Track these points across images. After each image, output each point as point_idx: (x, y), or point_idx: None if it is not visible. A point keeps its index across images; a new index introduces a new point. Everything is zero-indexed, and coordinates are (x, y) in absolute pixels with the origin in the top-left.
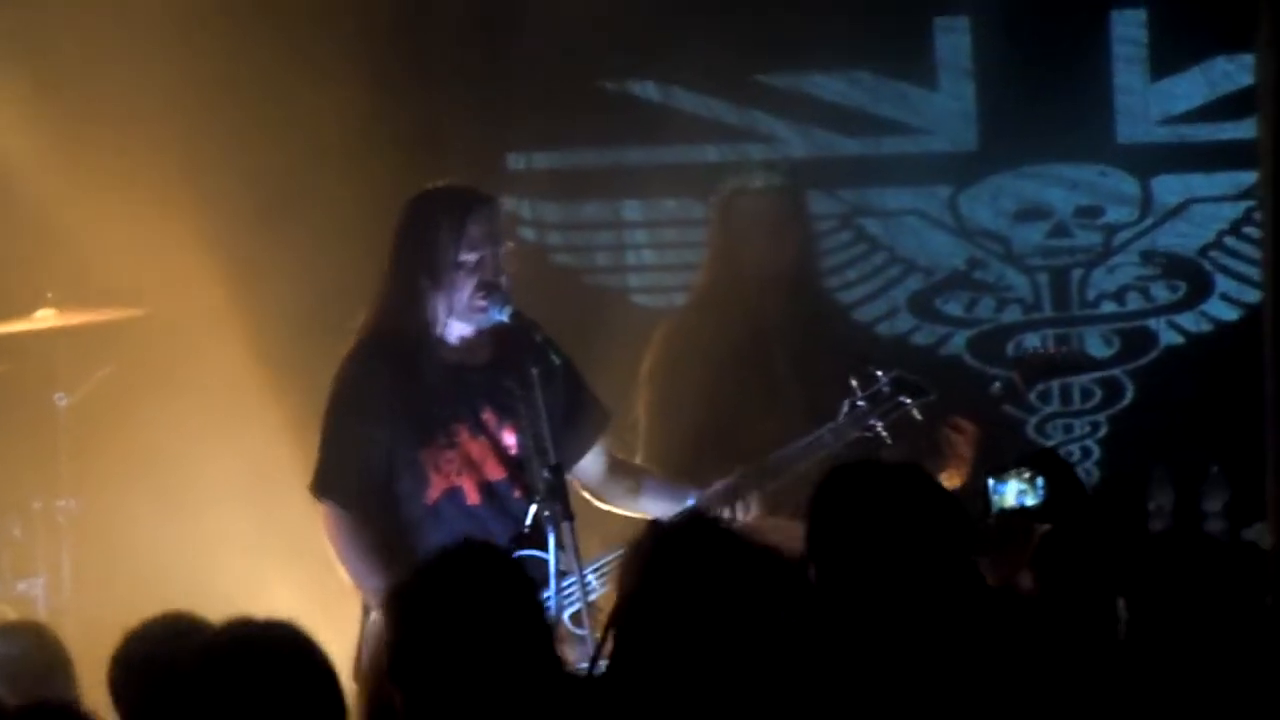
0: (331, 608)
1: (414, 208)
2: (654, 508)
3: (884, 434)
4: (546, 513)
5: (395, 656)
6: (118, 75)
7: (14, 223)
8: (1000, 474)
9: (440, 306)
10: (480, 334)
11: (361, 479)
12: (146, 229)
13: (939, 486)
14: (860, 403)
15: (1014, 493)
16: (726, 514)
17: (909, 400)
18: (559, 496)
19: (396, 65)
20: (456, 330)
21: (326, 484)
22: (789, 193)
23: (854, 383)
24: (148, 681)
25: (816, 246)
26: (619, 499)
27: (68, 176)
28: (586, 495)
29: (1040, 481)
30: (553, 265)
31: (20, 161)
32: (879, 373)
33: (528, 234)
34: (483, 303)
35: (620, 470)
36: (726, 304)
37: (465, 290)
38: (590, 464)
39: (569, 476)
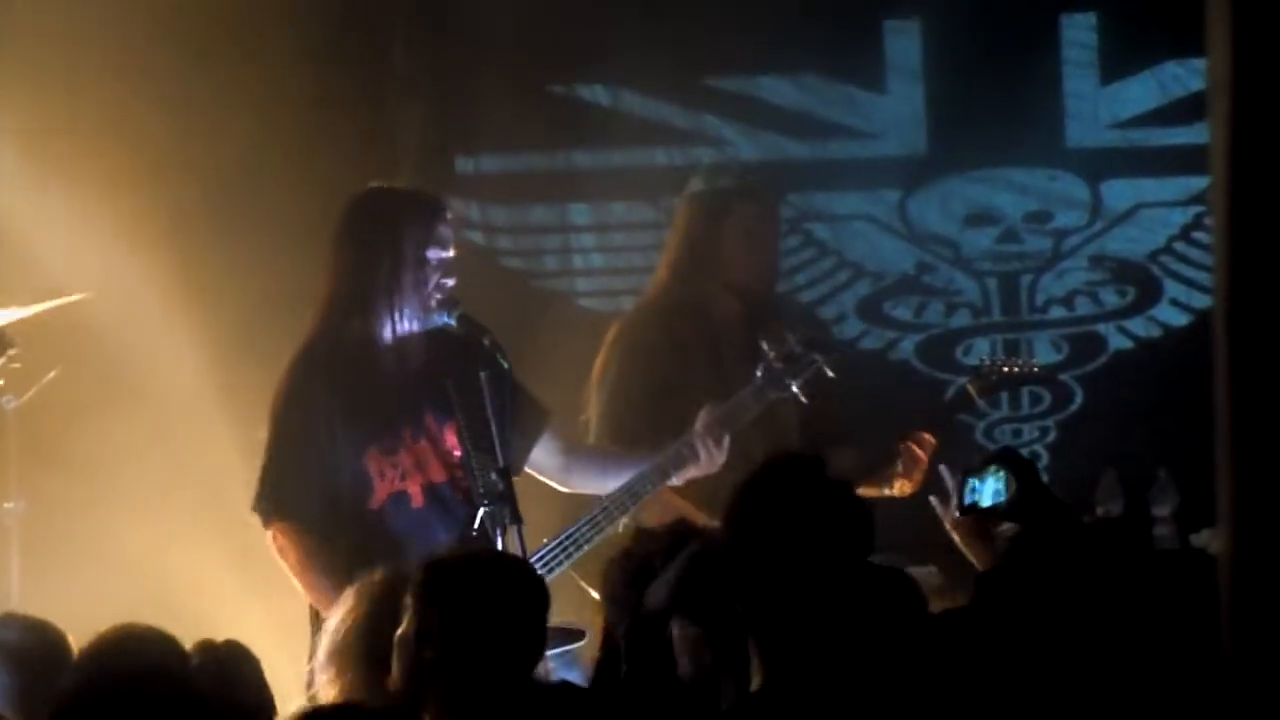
0: (281, 613)
1: (372, 205)
2: (617, 482)
3: (799, 393)
4: (492, 516)
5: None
6: (68, 71)
7: None
8: (977, 472)
9: (394, 305)
10: (419, 336)
11: (314, 494)
12: (93, 228)
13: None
14: (776, 364)
15: (990, 492)
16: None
17: (820, 357)
18: (507, 500)
19: (345, 68)
20: (399, 332)
21: (279, 504)
22: (770, 202)
23: (764, 345)
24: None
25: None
26: (578, 482)
27: (16, 176)
28: (549, 483)
29: (1010, 479)
30: (501, 268)
31: None
32: (788, 334)
33: (476, 237)
34: (438, 304)
35: (576, 453)
36: (685, 307)
37: (427, 289)
38: (542, 454)
39: (530, 472)
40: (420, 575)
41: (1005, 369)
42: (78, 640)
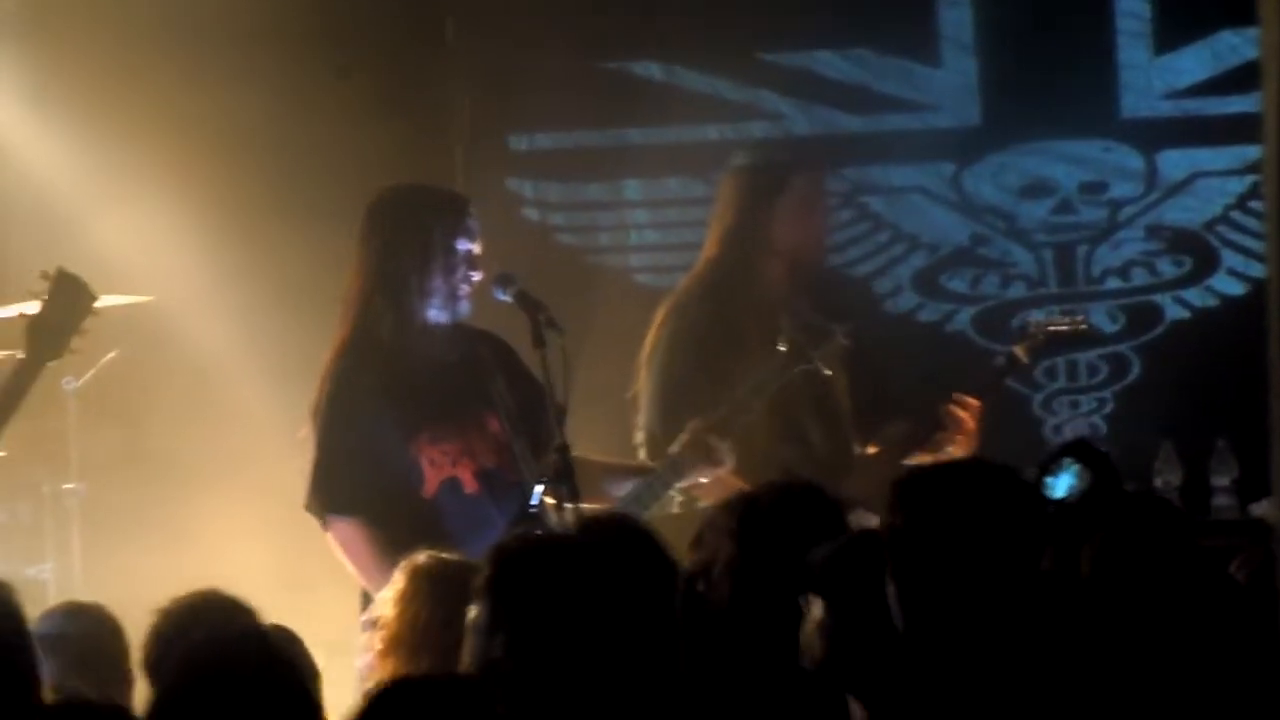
0: (332, 587)
1: (396, 201)
2: (614, 490)
3: (820, 366)
4: (552, 494)
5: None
6: (127, 65)
7: (22, 209)
8: (1051, 467)
9: (426, 296)
10: (453, 325)
11: (365, 487)
12: (153, 216)
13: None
14: (796, 336)
15: (1064, 486)
16: (699, 470)
17: (836, 327)
18: (566, 477)
19: (397, 47)
20: (433, 322)
21: (333, 500)
22: (821, 173)
23: (784, 324)
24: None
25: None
26: (584, 493)
27: (76, 164)
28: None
29: (1085, 472)
30: (555, 245)
31: (28, 150)
32: (803, 309)
33: (531, 214)
34: (465, 289)
35: (581, 466)
36: (737, 282)
37: (455, 279)
38: None
39: None
40: (490, 565)
41: (1052, 328)
42: (138, 619)
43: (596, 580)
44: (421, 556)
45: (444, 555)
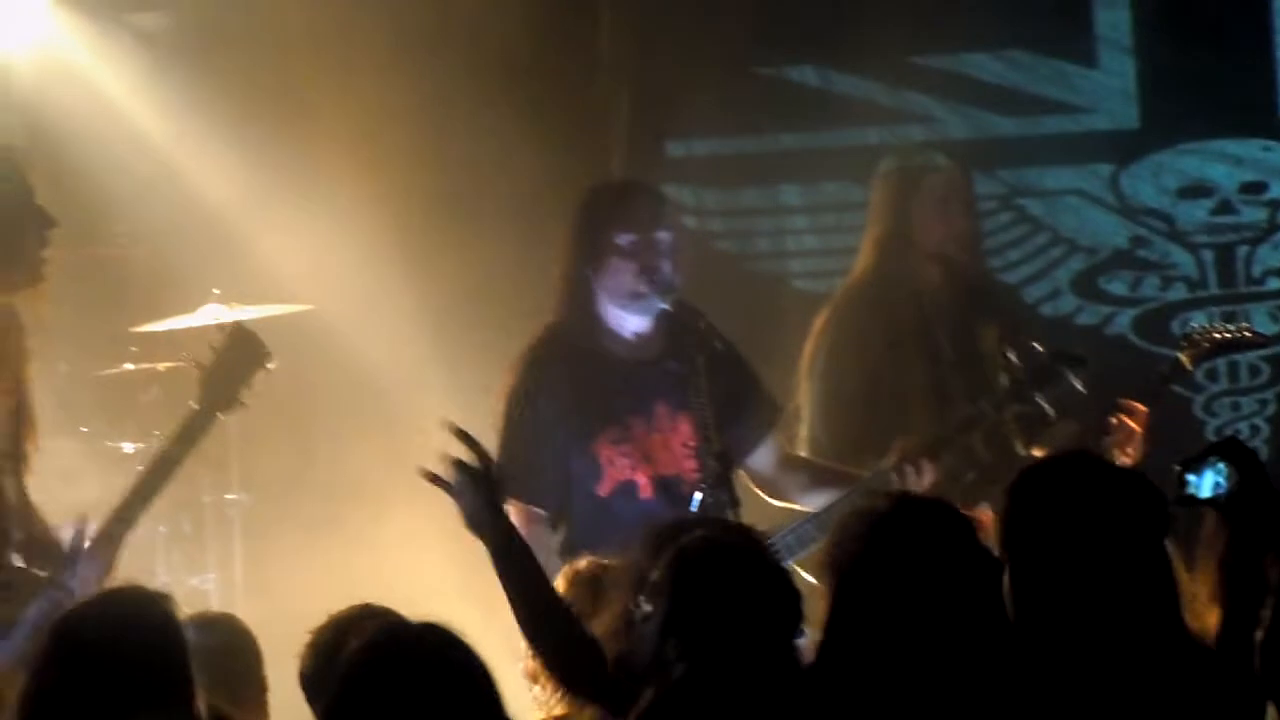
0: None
1: (579, 201)
2: (823, 501)
3: (1046, 407)
4: (712, 500)
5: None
6: (287, 78)
7: (189, 222)
8: (1194, 465)
9: (605, 293)
10: (654, 326)
11: (542, 480)
12: (314, 226)
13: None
14: (1021, 376)
15: (1210, 484)
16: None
17: (1068, 371)
18: (725, 484)
19: (558, 56)
20: (629, 323)
21: (510, 490)
22: (958, 171)
23: (1012, 356)
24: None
25: (980, 227)
26: (790, 494)
27: (239, 177)
28: (756, 490)
29: (1231, 471)
30: (714, 252)
31: (194, 164)
32: (1036, 345)
33: (689, 221)
34: (643, 289)
35: (791, 465)
36: (893, 285)
37: (624, 275)
38: (760, 459)
39: (743, 471)
40: (670, 567)
41: (1217, 335)
42: (299, 630)
43: (773, 589)
44: (582, 562)
45: (605, 561)
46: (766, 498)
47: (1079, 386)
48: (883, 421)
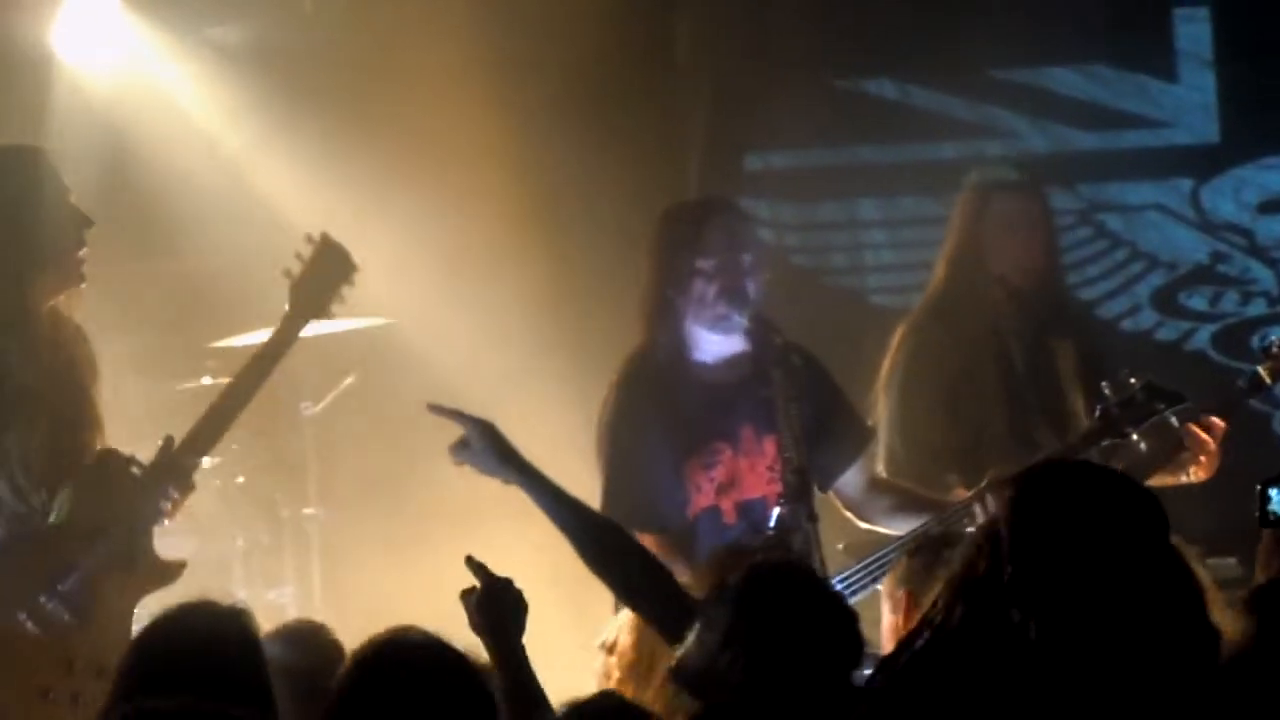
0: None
1: (658, 223)
2: (907, 525)
3: (1138, 440)
4: (790, 515)
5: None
6: (364, 90)
7: (266, 233)
8: (1277, 482)
9: (684, 318)
10: (741, 347)
11: (647, 504)
12: (396, 240)
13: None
14: (1114, 409)
15: None
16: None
17: (1164, 407)
18: (803, 499)
19: (636, 69)
20: (715, 346)
21: (627, 516)
22: (1037, 188)
23: (1106, 389)
24: None
25: (1059, 243)
26: (878, 517)
27: (318, 188)
28: (846, 513)
29: None
30: (790, 267)
31: (272, 175)
32: (1132, 379)
33: (765, 235)
34: (724, 310)
35: (878, 489)
36: (965, 304)
37: (707, 297)
38: (850, 481)
39: (830, 492)
40: (740, 583)
41: None
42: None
43: (833, 611)
44: None
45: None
46: (854, 519)
47: (1174, 423)
48: (958, 435)
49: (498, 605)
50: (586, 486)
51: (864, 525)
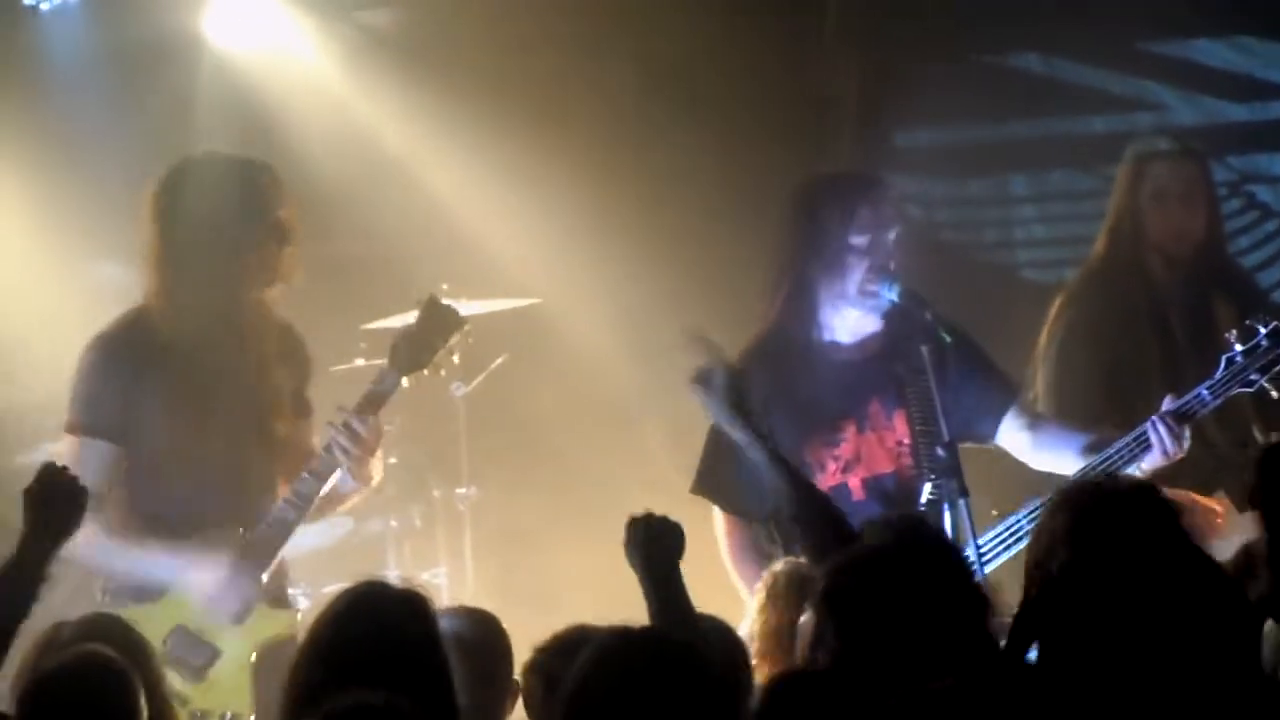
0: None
1: (802, 195)
2: (1077, 463)
3: (1268, 386)
4: (941, 490)
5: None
6: (514, 76)
7: (421, 219)
8: None
9: (832, 292)
10: (878, 323)
11: (746, 481)
12: (543, 222)
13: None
14: (1238, 357)
15: None
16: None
17: None
18: (954, 474)
19: (785, 45)
20: (853, 321)
21: (714, 488)
22: (1193, 156)
23: (1230, 337)
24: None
25: (1220, 210)
26: (1044, 458)
27: (468, 174)
28: (1017, 457)
29: None
30: (941, 242)
31: (426, 165)
32: (1257, 325)
33: (915, 211)
34: (873, 286)
35: (1038, 429)
36: (1126, 273)
37: (856, 274)
38: (1009, 431)
39: (993, 446)
40: (823, 578)
41: None
42: (528, 622)
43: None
44: (779, 564)
45: (802, 561)
46: (1029, 463)
47: None
48: (1118, 402)
49: (657, 537)
50: None
51: (1039, 467)
